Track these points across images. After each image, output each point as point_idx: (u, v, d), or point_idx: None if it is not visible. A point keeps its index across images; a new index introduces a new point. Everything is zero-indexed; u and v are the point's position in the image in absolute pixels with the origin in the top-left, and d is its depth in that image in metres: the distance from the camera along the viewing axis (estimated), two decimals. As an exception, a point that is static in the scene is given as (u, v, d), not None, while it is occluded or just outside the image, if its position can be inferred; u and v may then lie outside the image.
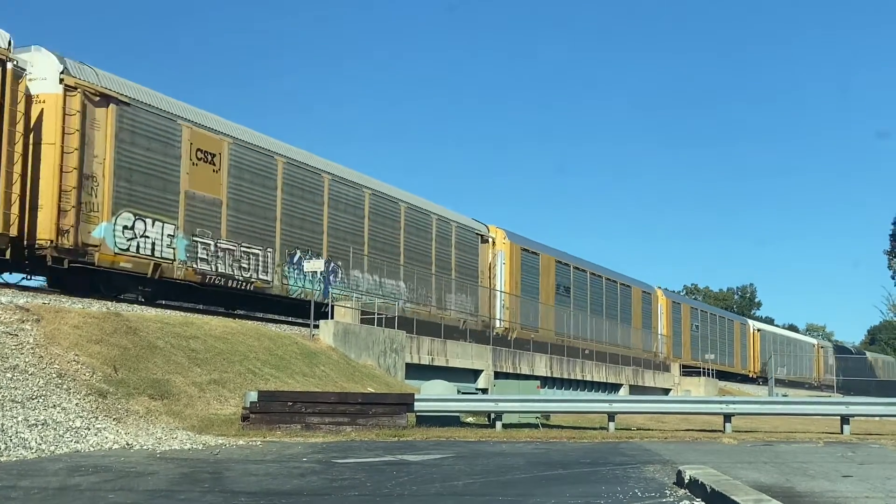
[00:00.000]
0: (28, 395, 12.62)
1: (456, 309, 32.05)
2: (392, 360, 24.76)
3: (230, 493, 8.96)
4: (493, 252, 34.55)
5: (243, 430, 14.91)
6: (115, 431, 12.82)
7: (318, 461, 11.59)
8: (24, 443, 11.37)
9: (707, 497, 8.34)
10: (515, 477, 10.38)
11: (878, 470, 11.46)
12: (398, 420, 16.32)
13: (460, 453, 12.83)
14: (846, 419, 18.83)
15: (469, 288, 33.25)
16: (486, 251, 34.77)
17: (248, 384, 17.18)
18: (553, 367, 34.67)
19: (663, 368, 46.83)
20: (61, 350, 14.42)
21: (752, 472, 10.77)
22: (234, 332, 19.63)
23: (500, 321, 34.36)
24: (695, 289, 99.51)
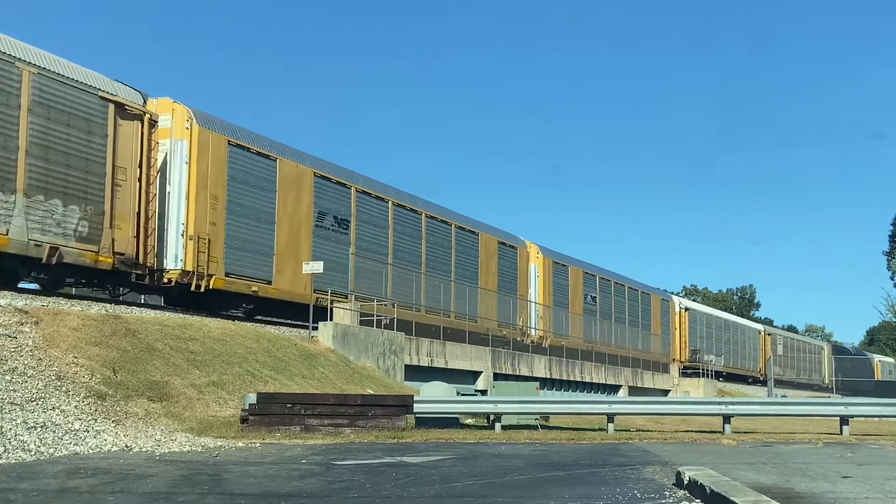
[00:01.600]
0: (27, 397, 12.61)
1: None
2: (391, 362, 24.74)
3: (229, 495, 8.95)
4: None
5: (242, 431, 14.89)
6: (114, 433, 12.81)
7: (317, 463, 11.58)
8: (23, 445, 11.36)
9: (706, 498, 8.33)
10: (514, 478, 10.37)
11: (878, 471, 11.46)
12: (397, 422, 16.30)
13: (459, 455, 12.83)
14: (845, 420, 18.84)
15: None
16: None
17: (247, 386, 17.17)
18: (552, 369, 34.66)
19: (662, 369, 46.83)
20: (60, 352, 14.41)
21: (751, 473, 10.77)
22: (233, 334, 19.62)
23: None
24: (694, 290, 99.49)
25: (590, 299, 43.05)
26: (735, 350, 60.27)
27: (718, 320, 59.03)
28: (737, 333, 61.17)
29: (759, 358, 63.93)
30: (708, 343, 55.64)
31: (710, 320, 57.29)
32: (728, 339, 59.76)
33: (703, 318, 56.59)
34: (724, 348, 58.39)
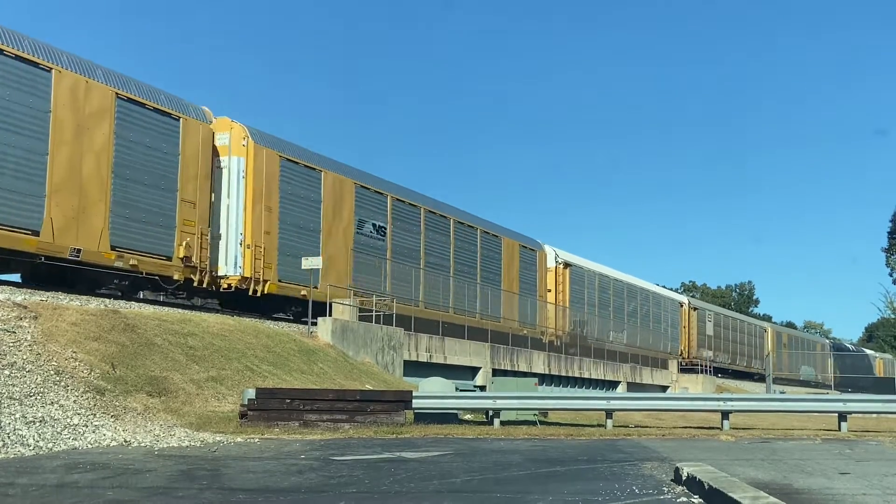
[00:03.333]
0: (26, 392, 12.61)
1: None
2: (390, 358, 24.76)
3: (228, 490, 8.96)
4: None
5: (241, 427, 14.90)
6: (113, 428, 12.81)
7: (315, 458, 11.58)
8: (21, 440, 11.36)
9: (705, 494, 8.34)
10: (513, 474, 10.38)
11: (876, 467, 11.47)
12: (396, 417, 16.32)
13: (458, 450, 12.83)
14: (844, 416, 18.86)
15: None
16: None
17: (246, 381, 17.18)
18: (551, 365, 34.70)
19: (661, 366, 46.88)
20: (59, 347, 14.41)
21: (749, 469, 10.78)
22: (232, 330, 19.62)
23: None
24: (693, 286, 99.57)
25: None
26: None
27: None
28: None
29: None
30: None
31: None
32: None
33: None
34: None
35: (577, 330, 39.52)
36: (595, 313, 42.33)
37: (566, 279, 39.67)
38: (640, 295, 48.46)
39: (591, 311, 41.97)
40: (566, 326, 39.17)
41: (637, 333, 47.00)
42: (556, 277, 39.07)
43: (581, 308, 40.95)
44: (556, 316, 38.92)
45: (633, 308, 47.32)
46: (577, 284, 40.86)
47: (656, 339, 49.30)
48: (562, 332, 38.58)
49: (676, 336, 52.63)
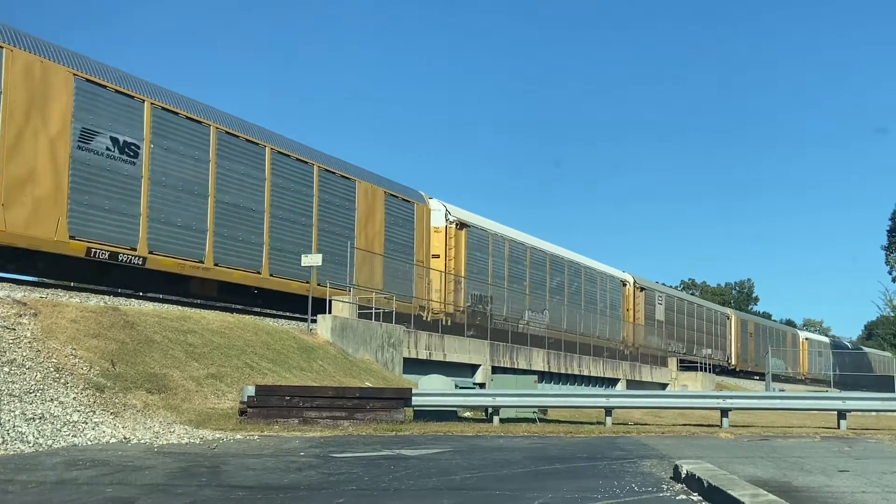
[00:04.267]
0: (25, 389, 12.61)
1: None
2: (390, 355, 24.77)
3: (227, 487, 8.96)
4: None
5: (241, 424, 14.90)
6: (113, 425, 12.81)
7: (315, 455, 11.59)
8: (21, 437, 11.37)
9: (704, 492, 8.34)
10: (513, 471, 10.38)
11: (875, 465, 11.48)
12: (396, 415, 16.32)
13: (458, 448, 12.84)
14: (843, 414, 18.88)
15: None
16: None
17: (245, 378, 17.18)
18: (550, 362, 34.72)
19: (661, 363, 46.89)
20: (59, 344, 14.41)
21: (748, 466, 10.79)
22: (232, 327, 19.62)
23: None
24: (692, 284, 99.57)
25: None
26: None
27: None
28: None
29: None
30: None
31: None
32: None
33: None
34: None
35: (475, 307, 31.69)
36: (504, 287, 34.47)
37: (461, 243, 31.39)
38: (568, 269, 40.51)
39: (497, 285, 33.98)
40: (461, 301, 31.11)
41: (563, 315, 39.35)
42: (447, 240, 30.92)
43: (483, 280, 32.86)
44: (445, 288, 30.51)
45: (559, 284, 39.36)
46: (478, 251, 32.58)
47: (590, 323, 41.69)
48: (453, 308, 30.88)
49: (618, 320, 45.40)
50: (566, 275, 40.31)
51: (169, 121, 20.76)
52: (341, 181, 26.47)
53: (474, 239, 32.62)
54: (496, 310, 33.41)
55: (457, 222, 31.51)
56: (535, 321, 36.73)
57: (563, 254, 40.54)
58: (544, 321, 37.35)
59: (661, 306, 49.92)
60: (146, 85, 20.65)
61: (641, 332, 47.32)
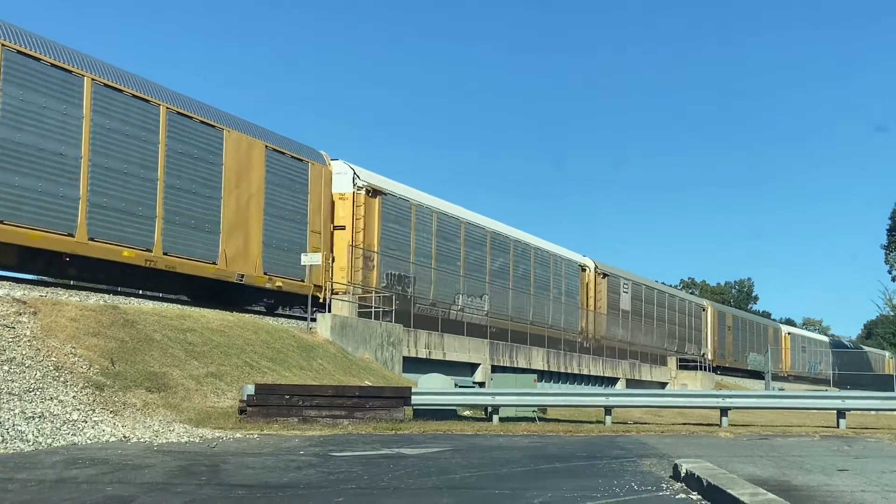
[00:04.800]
0: (25, 387, 12.61)
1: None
2: (389, 354, 24.78)
3: (227, 485, 8.96)
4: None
5: (240, 423, 14.91)
6: (112, 424, 12.82)
7: (315, 454, 11.59)
8: (21, 435, 11.37)
9: (703, 491, 8.35)
10: (512, 470, 10.39)
11: (874, 464, 11.48)
12: (395, 413, 16.33)
13: (457, 447, 12.84)
14: (842, 413, 18.88)
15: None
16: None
17: (245, 377, 17.18)
18: (550, 361, 34.75)
19: (660, 362, 46.92)
20: (58, 343, 14.41)
21: (748, 465, 10.79)
22: (232, 326, 19.62)
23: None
24: (692, 283, 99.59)
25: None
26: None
27: None
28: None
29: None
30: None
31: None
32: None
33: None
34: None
35: (393, 288, 27.08)
36: (431, 267, 29.72)
37: (374, 212, 26.88)
38: (514, 249, 35.66)
39: (423, 264, 29.25)
40: (373, 281, 26.53)
41: (508, 301, 34.84)
42: (355, 209, 26.29)
43: (403, 258, 28.24)
44: (352, 264, 25.80)
45: (502, 266, 34.61)
46: (396, 223, 28.07)
47: (541, 310, 37.20)
48: (363, 289, 26.30)
49: (575, 308, 40.60)
50: (511, 256, 35.41)
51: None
52: (202, 129, 21.35)
53: (391, 209, 27.88)
54: (421, 292, 28.98)
55: (368, 188, 26.75)
56: (472, 307, 32.09)
57: (507, 232, 35.69)
58: (483, 307, 32.74)
59: (627, 295, 44.92)
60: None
61: (603, 323, 42.47)
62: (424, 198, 30.40)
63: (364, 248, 26.34)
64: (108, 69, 19.41)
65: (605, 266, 43.90)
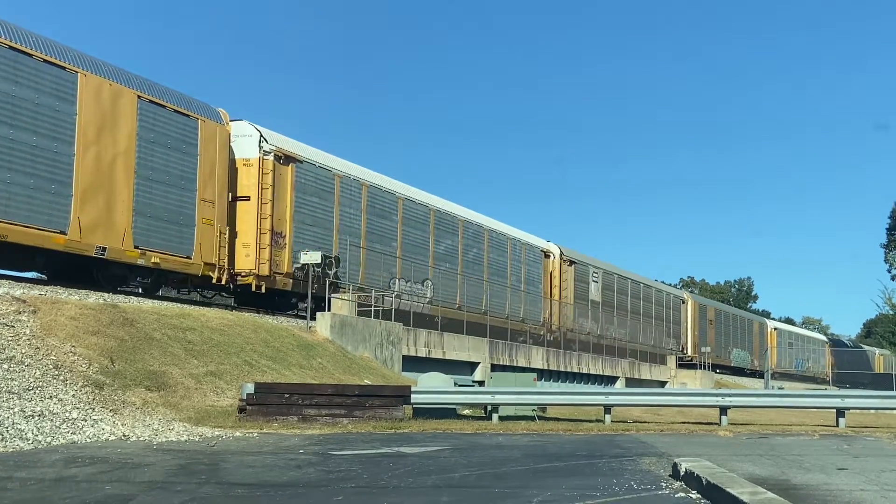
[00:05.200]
0: (24, 386, 12.61)
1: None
2: (389, 353, 24.78)
3: (227, 484, 8.96)
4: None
5: (240, 421, 14.92)
6: (112, 423, 12.82)
7: (314, 453, 11.59)
8: (20, 434, 11.37)
9: (703, 489, 8.35)
10: (512, 469, 10.39)
11: (874, 463, 11.49)
12: (395, 412, 16.33)
13: (457, 445, 12.85)
14: (842, 412, 18.88)
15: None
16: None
17: (244, 376, 17.19)
18: (549, 360, 34.76)
19: (660, 361, 46.92)
20: (58, 341, 14.41)
21: (747, 464, 10.80)
22: (231, 324, 19.63)
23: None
24: (691, 281, 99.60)
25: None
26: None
27: None
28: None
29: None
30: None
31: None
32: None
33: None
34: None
35: (311, 270, 23.45)
36: (360, 246, 26.67)
37: (285, 183, 23.71)
38: (464, 230, 32.44)
39: (349, 244, 25.99)
40: (284, 262, 23.49)
41: (457, 289, 31.54)
42: (262, 177, 22.94)
43: (325, 236, 25.25)
44: (259, 242, 22.66)
45: (448, 249, 31.32)
46: (316, 196, 24.95)
47: (497, 300, 34.24)
48: (270, 269, 22.98)
49: (537, 298, 37.56)
50: (461, 238, 32.10)
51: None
52: (46, 70, 17.65)
53: (310, 179, 24.77)
54: (349, 276, 25.96)
55: (279, 154, 23.61)
56: (413, 294, 28.93)
57: (456, 211, 32.47)
58: (426, 294, 29.69)
59: (598, 284, 41.76)
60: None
61: (570, 314, 39.22)
62: (353, 168, 27.04)
63: (274, 222, 23.24)
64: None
65: (573, 253, 40.86)
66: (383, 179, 28.68)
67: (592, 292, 41.43)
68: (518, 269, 36.16)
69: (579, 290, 40.34)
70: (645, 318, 46.94)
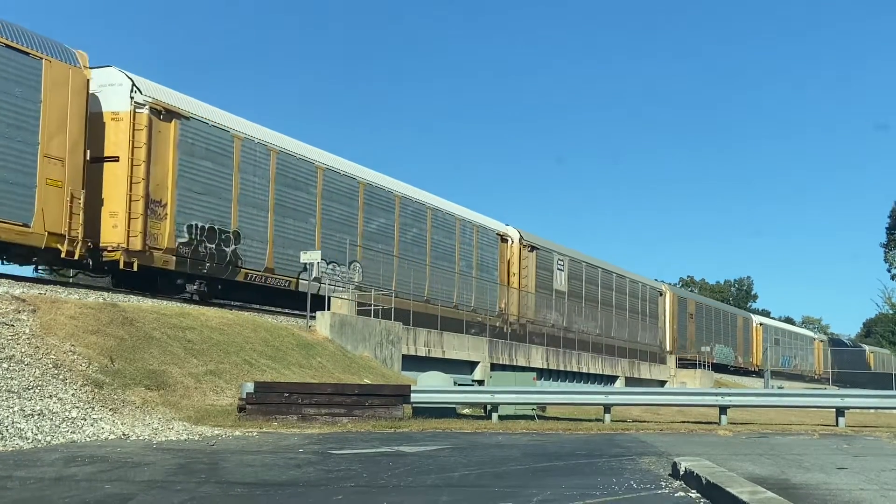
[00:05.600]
0: (24, 385, 12.61)
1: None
2: (388, 352, 24.78)
3: (226, 483, 8.96)
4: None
5: (240, 420, 14.92)
6: (112, 422, 12.82)
7: (314, 452, 11.60)
8: (20, 433, 11.37)
9: (702, 489, 8.35)
10: (511, 468, 10.39)
11: (873, 462, 11.49)
12: (394, 411, 16.34)
13: (457, 445, 12.85)
14: (841, 411, 18.88)
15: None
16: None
17: (244, 375, 17.19)
18: (549, 359, 34.77)
19: (659, 360, 46.93)
20: (57, 340, 14.41)
21: (747, 464, 10.80)
22: (231, 324, 19.63)
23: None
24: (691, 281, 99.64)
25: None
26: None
27: None
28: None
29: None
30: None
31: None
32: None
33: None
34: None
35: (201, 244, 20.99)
36: (267, 220, 23.14)
37: (166, 142, 20.22)
38: (401, 207, 28.69)
39: (254, 218, 22.70)
40: (165, 234, 20.01)
41: (392, 273, 27.94)
42: (133, 132, 19.46)
43: (219, 208, 21.69)
44: (130, 210, 19.25)
45: (382, 228, 27.75)
46: (209, 160, 21.48)
47: (443, 286, 30.57)
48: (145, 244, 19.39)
49: (494, 286, 33.99)
50: (397, 216, 28.55)
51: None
52: None
53: (199, 139, 21.26)
54: (251, 254, 22.67)
55: (156, 108, 20.01)
56: (335, 277, 25.50)
57: (392, 186, 28.81)
58: (352, 277, 26.34)
59: (563, 273, 38.03)
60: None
61: (531, 304, 35.65)
62: (258, 131, 23.64)
63: (151, 188, 19.73)
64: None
65: (534, 238, 36.54)
66: (298, 146, 25.12)
67: (557, 281, 37.41)
68: (469, 254, 32.62)
69: (542, 279, 36.48)
70: (618, 311, 43.39)
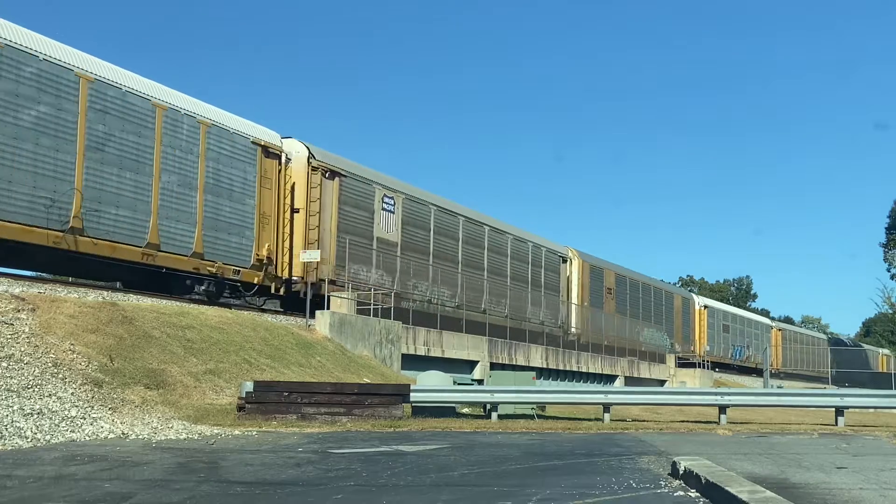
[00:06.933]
0: (23, 384, 12.61)
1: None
2: (388, 351, 24.77)
3: (226, 482, 8.96)
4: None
5: (239, 420, 14.92)
6: (111, 421, 12.82)
7: (313, 451, 11.59)
8: (19, 432, 11.37)
9: (702, 488, 8.35)
10: (511, 467, 10.39)
11: (873, 461, 11.49)
12: (394, 411, 16.33)
13: (456, 444, 12.84)
14: (841, 411, 18.88)
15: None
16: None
17: (244, 374, 17.18)
18: (549, 359, 34.75)
19: (659, 360, 46.89)
20: (57, 339, 14.40)
21: (746, 463, 10.80)
22: (230, 323, 19.62)
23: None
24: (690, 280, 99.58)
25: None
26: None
27: None
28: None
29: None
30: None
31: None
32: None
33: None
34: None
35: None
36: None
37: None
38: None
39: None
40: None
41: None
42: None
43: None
44: None
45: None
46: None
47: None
48: None
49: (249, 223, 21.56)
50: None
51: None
52: None
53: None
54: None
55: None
56: None
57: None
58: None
59: (393, 216, 27.07)
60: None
61: (331, 256, 24.38)
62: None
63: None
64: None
65: (333, 158, 24.85)
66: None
67: (380, 226, 26.55)
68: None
69: (347, 218, 24.94)
70: (493, 277, 32.76)
